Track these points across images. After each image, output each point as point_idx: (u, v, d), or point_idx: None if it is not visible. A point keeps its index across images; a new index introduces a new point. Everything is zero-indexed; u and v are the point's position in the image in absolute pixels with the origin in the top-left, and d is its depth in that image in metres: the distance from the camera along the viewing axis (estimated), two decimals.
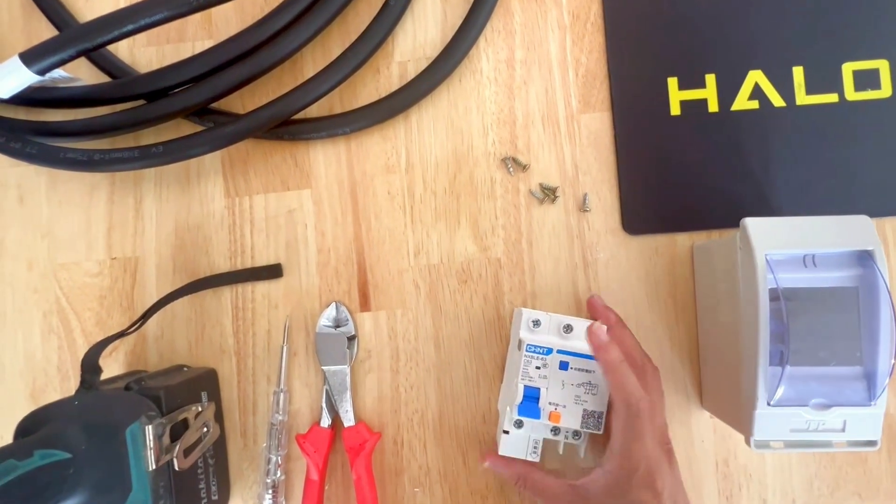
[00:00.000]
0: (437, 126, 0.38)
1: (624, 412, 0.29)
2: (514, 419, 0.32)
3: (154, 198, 0.38)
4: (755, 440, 0.29)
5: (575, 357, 0.32)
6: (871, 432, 0.29)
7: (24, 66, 0.31)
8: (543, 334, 0.32)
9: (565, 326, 0.32)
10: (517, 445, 0.33)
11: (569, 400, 0.31)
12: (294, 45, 0.35)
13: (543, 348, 0.31)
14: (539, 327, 0.32)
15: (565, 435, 0.32)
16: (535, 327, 0.32)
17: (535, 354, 0.32)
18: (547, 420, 0.31)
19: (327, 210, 0.38)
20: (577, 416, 0.31)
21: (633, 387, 0.29)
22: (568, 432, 0.32)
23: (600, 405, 0.32)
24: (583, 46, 0.38)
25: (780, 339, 0.28)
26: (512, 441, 0.33)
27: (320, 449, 0.35)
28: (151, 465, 0.28)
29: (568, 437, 0.33)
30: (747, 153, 0.36)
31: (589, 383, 0.32)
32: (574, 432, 0.32)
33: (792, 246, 0.28)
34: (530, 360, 0.32)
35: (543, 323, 0.32)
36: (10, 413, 0.38)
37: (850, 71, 0.36)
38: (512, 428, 0.32)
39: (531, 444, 0.33)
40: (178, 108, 0.35)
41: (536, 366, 0.31)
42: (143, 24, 0.31)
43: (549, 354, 0.31)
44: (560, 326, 0.32)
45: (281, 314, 0.37)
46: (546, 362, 0.31)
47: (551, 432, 0.33)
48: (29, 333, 0.38)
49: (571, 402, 0.31)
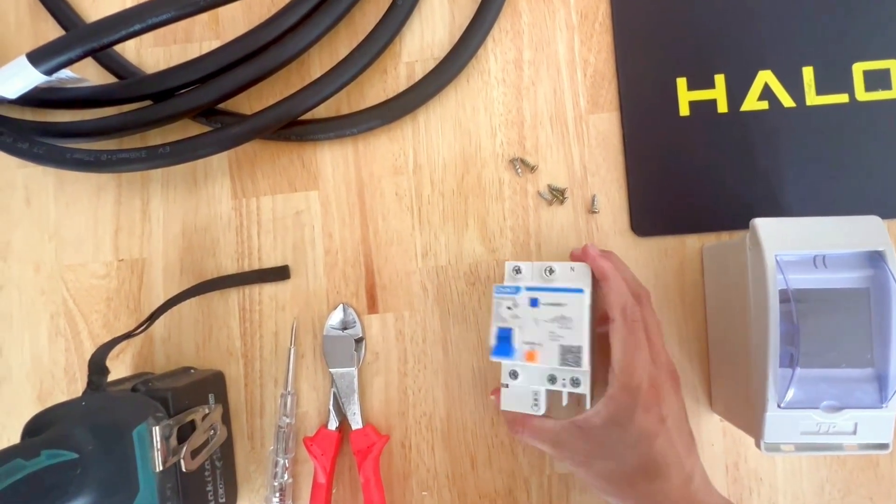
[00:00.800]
0: (444, 127, 0.38)
1: (620, 322, 0.28)
2: (509, 370, 0.31)
3: (161, 199, 0.38)
4: (765, 443, 0.28)
5: (544, 292, 0.30)
6: (882, 435, 0.28)
7: (31, 66, 0.31)
8: (525, 281, 0.31)
9: (547, 269, 0.31)
10: (518, 399, 0.31)
11: (543, 337, 0.30)
12: (301, 45, 0.35)
13: (512, 287, 0.31)
14: (521, 274, 0.32)
15: (563, 383, 0.30)
16: (517, 274, 0.32)
17: (504, 296, 0.31)
18: (523, 359, 0.30)
19: (335, 211, 0.38)
20: (554, 353, 0.30)
21: (627, 295, 0.29)
22: (565, 381, 0.30)
23: (578, 338, 0.29)
24: (591, 46, 0.37)
25: (791, 341, 0.28)
26: (511, 395, 0.31)
27: (328, 452, 0.35)
28: (158, 466, 0.28)
29: (566, 385, 0.30)
30: (757, 154, 0.36)
31: (562, 317, 0.30)
32: (573, 380, 0.30)
33: (802, 247, 0.28)
34: (501, 303, 0.31)
35: (525, 270, 0.32)
36: (18, 415, 0.38)
37: (860, 71, 0.36)
38: (508, 379, 0.31)
39: (531, 396, 0.31)
40: (185, 108, 0.35)
41: (507, 306, 0.30)
42: (150, 23, 0.31)
43: (518, 293, 0.30)
44: (542, 271, 0.31)
45: (288, 316, 0.37)
46: (515, 301, 0.30)
47: (548, 381, 0.31)
48: (36, 335, 0.38)
49: (547, 339, 0.30)
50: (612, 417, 0.28)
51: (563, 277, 0.31)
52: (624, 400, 0.28)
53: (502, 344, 0.30)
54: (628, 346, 0.28)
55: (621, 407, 0.28)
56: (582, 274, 0.30)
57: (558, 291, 0.30)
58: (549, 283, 0.31)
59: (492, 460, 0.36)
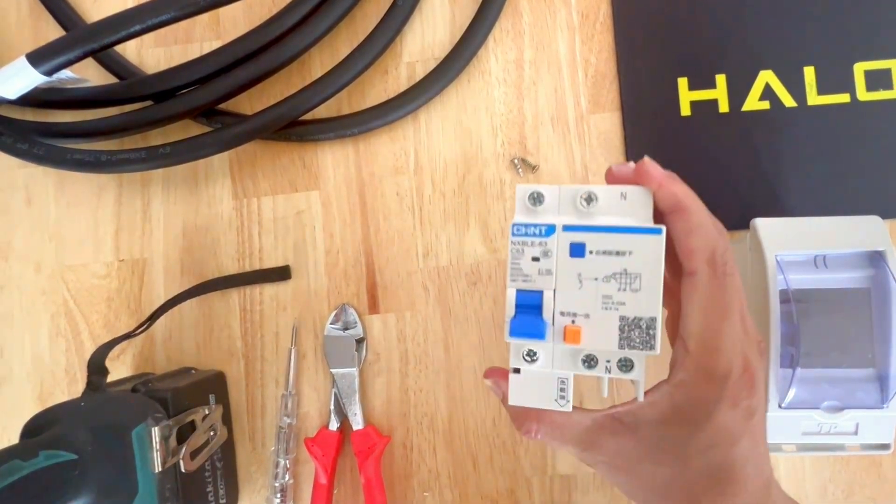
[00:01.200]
0: (445, 127, 0.38)
1: (707, 275, 0.19)
2: (524, 349, 0.21)
3: (162, 200, 0.38)
4: (767, 443, 0.28)
5: (595, 233, 0.20)
6: (884, 435, 0.28)
7: (30, 66, 0.31)
8: (551, 216, 0.21)
9: (584, 197, 0.20)
10: (535, 390, 0.21)
11: (593, 304, 0.20)
12: (302, 45, 0.35)
13: (540, 227, 0.20)
14: (542, 205, 0.21)
15: (606, 367, 0.20)
16: (537, 205, 0.21)
17: (527, 239, 0.20)
18: (560, 340, 0.20)
19: (336, 212, 0.38)
20: (610, 328, 0.20)
21: (716, 236, 0.20)
22: (610, 363, 0.20)
23: (650, 306, 0.19)
24: (592, 46, 0.37)
25: (791, 341, 0.28)
26: (525, 384, 0.21)
27: (329, 452, 0.35)
28: (158, 466, 0.28)
29: (611, 369, 0.20)
30: (758, 154, 0.36)
31: (625, 273, 0.19)
32: (621, 361, 0.20)
33: (803, 247, 0.28)
34: (521, 250, 0.20)
35: (549, 198, 0.21)
36: (18, 415, 0.38)
37: (861, 71, 0.36)
38: (521, 362, 0.21)
39: (555, 385, 0.21)
40: (185, 108, 0.35)
41: (533, 256, 0.20)
42: (150, 24, 0.31)
43: (551, 235, 0.20)
44: (576, 200, 0.20)
45: (289, 316, 0.37)
46: (547, 248, 0.20)
47: (583, 364, 0.20)
48: (37, 335, 0.38)
49: (598, 307, 0.20)
50: (679, 413, 0.20)
51: (610, 209, 0.20)
52: (703, 391, 0.19)
53: (526, 316, 0.20)
54: (716, 311, 0.19)
55: (697, 400, 0.19)
56: (640, 203, 0.20)
57: (618, 232, 0.20)
58: (589, 221, 0.20)
59: (493, 461, 0.36)
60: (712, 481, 0.20)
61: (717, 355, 0.19)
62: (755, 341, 0.21)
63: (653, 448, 0.20)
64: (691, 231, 0.20)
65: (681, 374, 0.20)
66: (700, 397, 0.19)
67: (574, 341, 0.20)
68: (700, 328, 0.19)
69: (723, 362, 0.19)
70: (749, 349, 0.20)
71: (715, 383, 0.19)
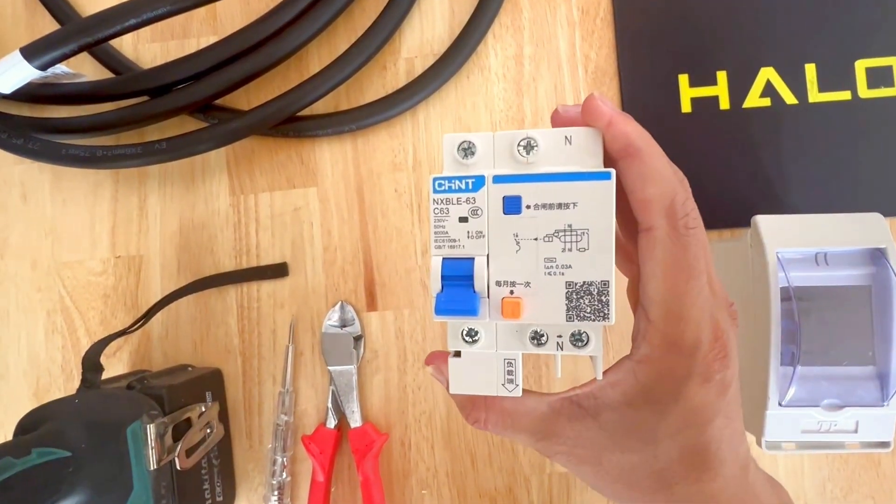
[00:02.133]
0: (444, 123, 0.37)
1: (666, 230, 0.16)
2: (462, 328, 0.18)
3: (158, 196, 0.38)
4: (766, 441, 0.28)
5: (531, 182, 0.17)
6: (884, 433, 0.28)
7: (25, 60, 0.30)
8: (486, 168, 0.17)
9: (524, 144, 0.17)
10: (479, 375, 0.18)
11: (534, 270, 0.17)
12: (299, 40, 0.35)
13: (466, 179, 0.17)
14: (473, 158, 0.17)
15: (559, 343, 0.17)
16: (468, 158, 0.17)
17: (452, 195, 0.17)
18: (497, 314, 0.17)
19: (333, 208, 0.37)
20: (556, 297, 0.16)
21: (676, 184, 0.17)
22: (562, 339, 0.17)
23: (600, 267, 0.16)
24: (592, 42, 0.37)
25: (792, 339, 0.28)
26: (467, 368, 0.18)
27: (326, 450, 0.35)
28: (153, 464, 0.28)
29: (563, 345, 0.17)
30: (759, 151, 0.36)
31: (569, 229, 0.16)
32: (574, 335, 0.17)
33: (804, 244, 0.28)
34: (446, 209, 0.17)
35: (482, 148, 0.17)
36: (15, 412, 0.38)
37: (863, 68, 0.36)
38: (460, 343, 0.18)
39: (502, 368, 0.18)
40: (182, 104, 0.35)
41: (460, 216, 0.17)
42: (145, 18, 0.30)
43: (480, 189, 0.17)
44: (514, 148, 0.17)
45: (286, 313, 0.37)
46: (476, 206, 0.17)
47: (531, 341, 0.17)
48: (33, 332, 0.38)
49: (540, 272, 0.17)
50: (645, 393, 0.17)
51: (554, 158, 0.17)
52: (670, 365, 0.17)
53: (455, 289, 0.17)
54: (680, 272, 0.16)
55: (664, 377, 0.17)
56: (588, 148, 0.17)
57: (558, 180, 0.16)
58: (529, 170, 0.17)
59: (492, 458, 0.36)
60: (685, 466, 0.18)
61: (684, 324, 0.16)
62: (725, 304, 0.18)
63: (617, 434, 0.18)
64: (646, 178, 0.16)
65: (644, 347, 0.17)
66: (667, 373, 0.17)
67: (514, 315, 0.16)
68: (662, 293, 0.16)
69: (690, 331, 0.16)
70: (719, 313, 0.17)
71: (683, 356, 0.17)
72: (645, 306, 0.17)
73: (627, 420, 0.18)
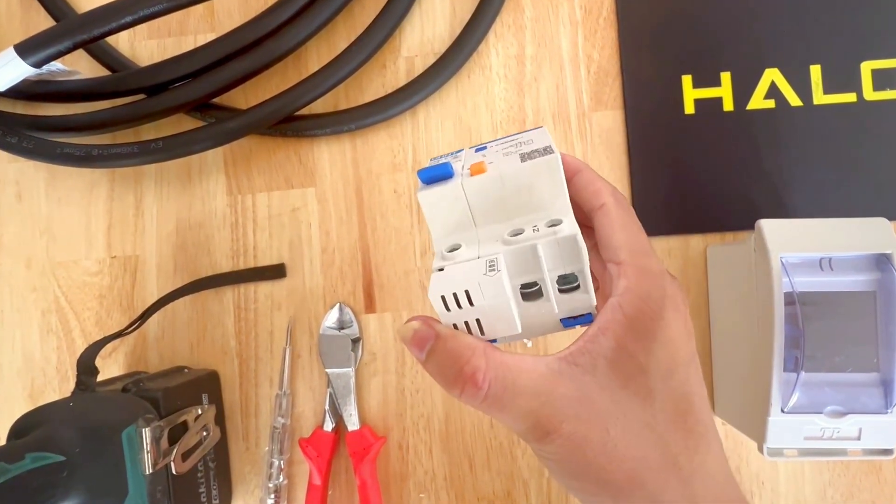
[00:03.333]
0: (444, 123, 0.37)
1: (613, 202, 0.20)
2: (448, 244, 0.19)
3: (155, 195, 0.38)
4: (768, 448, 0.28)
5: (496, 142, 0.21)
6: (887, 440, 0.28)
7: (19, 57, 0.30)
8: None
9: None
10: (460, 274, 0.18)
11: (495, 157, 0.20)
12: (298, 38, 0.34)
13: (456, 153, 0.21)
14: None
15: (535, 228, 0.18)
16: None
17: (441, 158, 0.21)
18: (467, 177, 0.19)
19: (332, 209, 0.37)
20: (513, 160, 0.19)
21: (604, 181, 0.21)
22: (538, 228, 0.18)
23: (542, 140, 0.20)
24: (595, 42, 0.37)
25: (796, 345, 0.28)
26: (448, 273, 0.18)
27: (323, 453, 0.35)
28: (148, 468, 0.27)
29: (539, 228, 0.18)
30: (763, 153, 0.35)
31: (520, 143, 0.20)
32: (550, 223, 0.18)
33: (808, 248, 0.28)
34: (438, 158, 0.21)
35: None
36: (9, 413, 0.37)
37: (868, 70, 0.35)
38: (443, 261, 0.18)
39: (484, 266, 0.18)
40: (179, 102, 0.35)
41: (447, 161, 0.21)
42: (141, 15, 0.30)
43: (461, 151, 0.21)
44: None
45: (284, 315, 0.37)
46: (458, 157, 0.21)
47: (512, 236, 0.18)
48: (27, 333, 0.38)
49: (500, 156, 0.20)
50: (632, 326, 0.17)
51: None
52: (647, 288, 0.18)
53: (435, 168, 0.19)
54: (633, 226, 0.19)
55: (644, 301, 0.18)
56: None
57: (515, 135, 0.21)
58: None
59: (490, 462, 0.36)
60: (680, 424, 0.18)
61: (647, 257, 0.19)
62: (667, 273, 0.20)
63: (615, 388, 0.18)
64: (591, 180, 0.20)
65: (623, 281, 0.18)
66: (647, 297, 0.18)
67: (480, 171, 0.18)
68: (625, 238, 0.19)
69: (654, 262, 0.19)
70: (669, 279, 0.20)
71: (655, 280, 0.18)
72: (612, 256, 0.19)
73: (622, 367, 0.18)
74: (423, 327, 0.18)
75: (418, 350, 0.18)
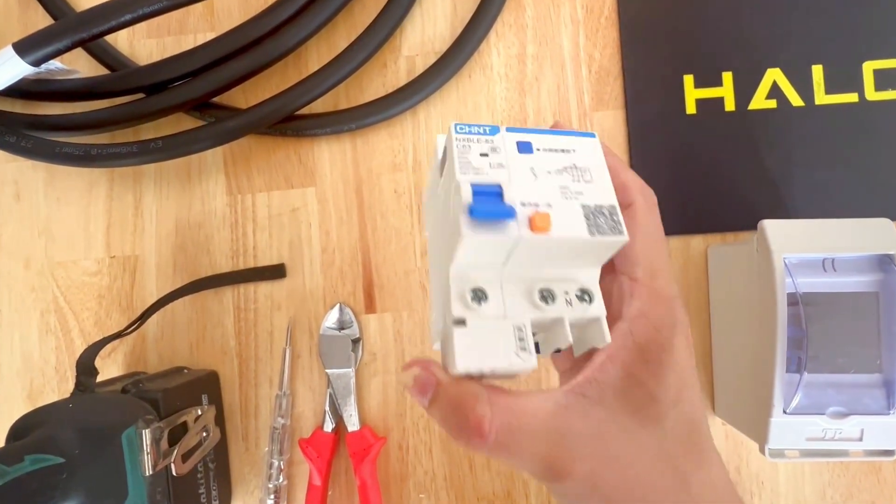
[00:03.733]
0: (445, 123, 0.37)
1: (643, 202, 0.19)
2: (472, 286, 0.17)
3: (154, 195, 0.37)
4: (770, 448, 0.28)
5: (536, 134, 0.19)
6: (889, 442, 0.28)
7: (17, 56, 0.30)
8: None
9: None
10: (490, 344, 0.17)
11: (552, 194, 0.18)
12: (298, 37, 0.34)
13: (483, 126, 0.19)
14: None
15: (566, 299, 0.18)
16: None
17: (472, 136, 0.18)
18: (526, 229, 0.17)
19: (332, 209, 0.37)
20: (576, 216, 0.17)
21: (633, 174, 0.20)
22: (569, 294, 0.18)
23: (606, 194, 0.18)
24: (596, 42, 0.37)
25: (798, 346, 0.28)
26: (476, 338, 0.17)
27: (323, 454, 0.35)
28: (148, 470, 0.27)
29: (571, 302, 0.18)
30: (765, 153, 0.35)
31: (574, 167, 0.19)
32: (581, 292, 0.18)
33: (811, 249, 0.28)
34: (468, 146, 0.18)
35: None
36: (8, 414, 0.37)
37: (870, 70, 0.35)
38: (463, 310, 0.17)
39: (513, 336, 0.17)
40: (178, 101, 0.34)
41: (481, 152, 0.18)
42: (141, 13, 0.30)
43: (496, 134, 0.19)
44: None
45: (284, 315, 0.37)
46: (495, 145, 0.19)
47: (541, 300, 0.18)
48: (26, 333, 0.37)
49: (558, 196, 0.18)
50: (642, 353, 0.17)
51: None
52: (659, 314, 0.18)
53: (488, 200, 0.17)
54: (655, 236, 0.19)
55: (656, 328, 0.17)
56: None
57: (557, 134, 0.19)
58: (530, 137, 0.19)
59: (490, 463, 0.36)
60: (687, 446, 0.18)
61: (662, 278, 0.18)
62: None
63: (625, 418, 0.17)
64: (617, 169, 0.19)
65: (636, 303, 0.18)
66: (659, 324, 0.18)
67: (543, 228, 0.17)
68: (645, 253, 0.18)
69: (668, 285, 0.18)
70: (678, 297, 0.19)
71: (666, 306, 0.18)
72: (629, 269, 0.19)
73: (632, 396, 0.17)
74: (424, 373, 0.18)
75: (421, 396, 0.18)
